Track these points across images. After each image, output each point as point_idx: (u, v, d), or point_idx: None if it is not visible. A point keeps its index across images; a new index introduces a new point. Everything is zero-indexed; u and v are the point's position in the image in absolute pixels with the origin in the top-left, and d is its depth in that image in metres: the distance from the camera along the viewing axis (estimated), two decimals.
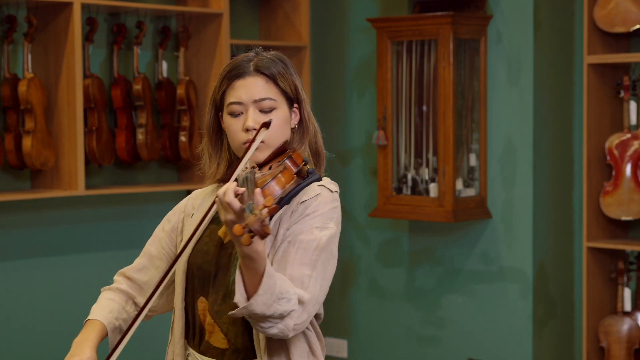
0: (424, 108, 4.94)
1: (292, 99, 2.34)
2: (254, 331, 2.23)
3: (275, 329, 2.12)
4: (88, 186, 4.61)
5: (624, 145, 4.69)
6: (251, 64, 2.33)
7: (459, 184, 4.89)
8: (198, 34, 4.91)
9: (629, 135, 4.69)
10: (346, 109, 5.46)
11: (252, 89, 2.30)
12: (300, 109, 2.36)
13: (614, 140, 4.71)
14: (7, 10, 4.41)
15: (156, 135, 4.76)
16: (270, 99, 2.30)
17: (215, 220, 2.37)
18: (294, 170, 2.25)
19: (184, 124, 4.81)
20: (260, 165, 2.30)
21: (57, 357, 4.77)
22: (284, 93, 2.33)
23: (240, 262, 2.08)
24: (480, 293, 5.04)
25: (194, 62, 4.93)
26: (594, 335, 4.77)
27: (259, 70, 2.32)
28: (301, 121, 2.36)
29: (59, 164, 4.44)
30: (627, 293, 4.76)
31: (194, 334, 2.36)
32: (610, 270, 4.81)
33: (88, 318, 2.51)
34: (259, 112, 2.29)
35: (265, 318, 2.09)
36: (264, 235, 1.93)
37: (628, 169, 4.68)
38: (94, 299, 5.08)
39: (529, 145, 4.86)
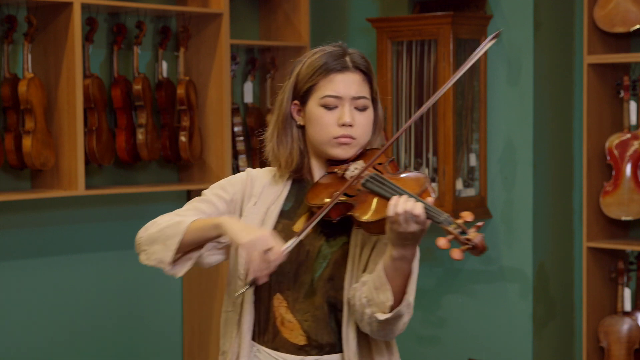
0: None
1: (374, 99, 2.38)
2: (344, 327, 2.27)
3: (392, 326, 2.22)
4: (88, 186, 4.60)
5: (624, 145, 4.69)
6: (348, 58, 2.35)
7: (459, 184, 4.89)
8: (198, 34, 4.90)
9: (629, 135, 4.69)
10: None
11: (351, 85, 2.32)
12: (375, 108, 2.39)
13: (614, 140, 4.71)
14: (7, 10, 4.41)
15: (156, 135, 4.75)
16: (366, 97, 2.34)
17: (285, 214, 2.35)
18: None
19: (184, 124, 4.81)
20: (342, 163, 2.31)
21: (57, 356, 4.79)
22: (371, 92, 2.36)
23: (390, 264, 2.15)
24: (480, 293, 5.04)
25: (194, 62, 4.93)
26: (594, 335, 4.77)
27: (357, 67, 2.34)
28: (375, 120, 2.39)
29: (59, 164, 4.44)
30: (627, 293, 4.75)
31: (265, 330, 2.34)
32: (610, 270, 4.81)
33: (194, 220, 2.29)
34: (354, 109, 2.32)
35: (399, 318, 2.19)
36: (483, 251, 2.02)
37: (628, 169, 4.68)
38: (94, 299, 5.09)
39: (529, 145, 4.86)
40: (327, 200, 2.25)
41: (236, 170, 5.09)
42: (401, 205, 2.10)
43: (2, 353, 4.48)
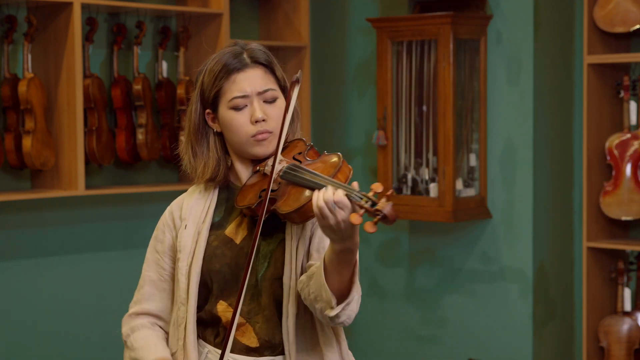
0: (424, 108, 4.94)
1: (282, 87, 2.36)
2: (284, 322, 2.26)
3: (345, 316, 2.18)
4: (88, 186, 4.61)
5: (624, 145, 4.69)
6: (245, 55, 2.32)
7: (459, 184, 4.89)
8: (198, 34, 4.91)
9: (629, 135, 4.69)
10: (346, 109, 5.46)
11: (254, 80, 2.30)
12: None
13: (614, 140, 4.71)
14: (7, 10, 4.41)
15: (156, 135, 4.76)
16: (272, 89, 2.32)
17: (216, 226, 2.36)
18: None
19: (184, 124, 4.80)
20: (266, 159, 2.31)
21: (57, 357, 4.79)
22: (278, 81, 2.35)
23: (334, 258, 2.11)
24: (480, 293, 5.04)
25: (194, 62, 4.93)
26: (594, 335, 4.77)
27: (257, 62, 2.32)
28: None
29: (59, 164, 4.44)
30: (627, 293, 4.75)
31: (216, 334, 2.34)
32: (610, 270, 4.81)
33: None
34: (263, 102, 2.31)
35: (349, 304, 2.16)
36: (395, 219, 1.98)
37: (628, 169, 4.68)
38: (94, 299, 5.09)
39: (529, 145, 4.86)
40: (254, 199, 2.25)
41: None
42: (320, 198, 2.08)
43: (2, 353, 4.48)
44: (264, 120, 2.29)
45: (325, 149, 2.46)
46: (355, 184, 2.09)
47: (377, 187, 2.02)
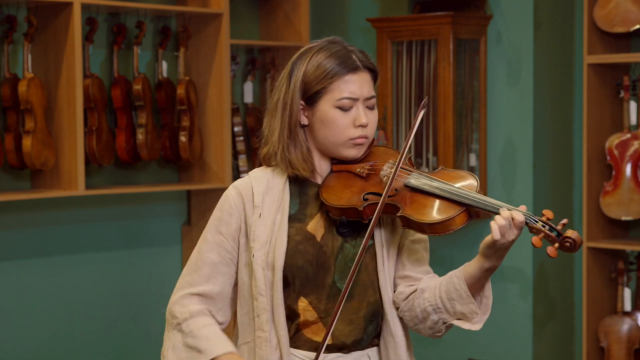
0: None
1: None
2: (392, 326, 2.32)
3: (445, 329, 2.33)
4: (88, 186, 4.60)
5: (624, 145, 4.69)
6: (355, 57, 2.32)
7: None
8: (198, 34, 4.90)
9: (629, 135, 4.69)
10: None
11: (364, 85, 2.32)
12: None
13: (614, 140, 4.71)
14: (7, 10, 4.41)
15: (156, 135, 4.75)
16: (375, 96, 2.35)
17: (294, 218, 2.33)
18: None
19: (184, 124, 4.81)
20: (354, 162, 2.32)
21: (57, 357, 4.78)
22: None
23: (477, 274, 2.24)
24: None
25: (194, 62, 4.93)
26: (594, 335, 4.77)
27: (367, 67, 2.34)
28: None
29: (59, 164, 4.44)
30: (627, 293, 4.75)
31: (287, 329, 2.32)
32: (610, 270, 4.81)
33: (219, 354, 2.29)
34: (366, 108, 2.32)
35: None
36: (580, 246, 2.08)
37: (628, 169, 4.68)
38: (94, 299, 5.08)
39: (529, 145, 4.86)
40: (358, 201, 2.24)
41: (236, 170, 5.09)
42: (499, 218, 2.14)
43: (2, 353, 4.48)
44: (365, 126, 2.29)
45: None
46: (523, 207, 2.15)
47: (549, 213, 2.11)
